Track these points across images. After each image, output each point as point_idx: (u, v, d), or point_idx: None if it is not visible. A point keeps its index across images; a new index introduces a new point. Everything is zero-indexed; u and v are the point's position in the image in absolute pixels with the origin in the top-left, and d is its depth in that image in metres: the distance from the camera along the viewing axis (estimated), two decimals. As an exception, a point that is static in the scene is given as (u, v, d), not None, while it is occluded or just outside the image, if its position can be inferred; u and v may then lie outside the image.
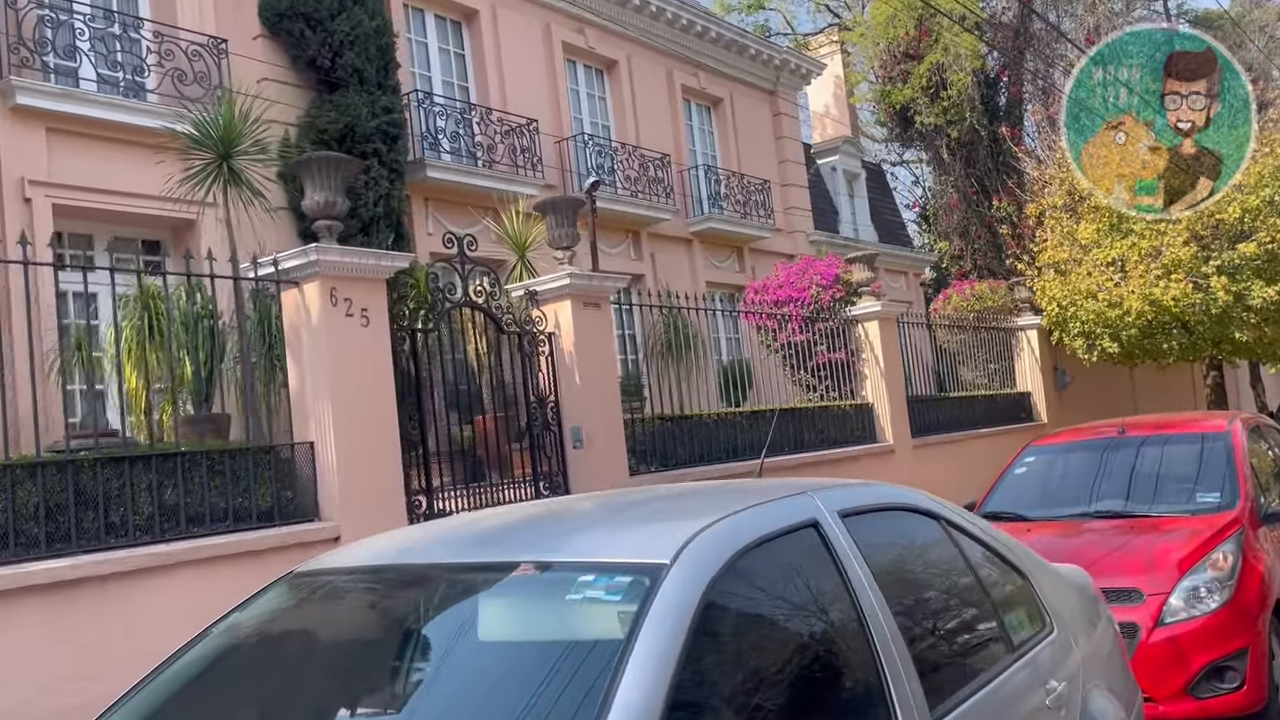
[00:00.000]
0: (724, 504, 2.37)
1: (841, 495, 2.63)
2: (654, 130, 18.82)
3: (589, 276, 9.04)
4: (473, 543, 2.35)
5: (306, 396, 7.05)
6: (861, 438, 13.22)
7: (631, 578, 1.96)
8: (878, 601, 2.34)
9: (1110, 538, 5.57)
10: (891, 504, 2.81)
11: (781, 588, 2.22)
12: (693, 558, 1.99)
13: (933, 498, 3.03)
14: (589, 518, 2.43)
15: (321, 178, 7.17)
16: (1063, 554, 5.52)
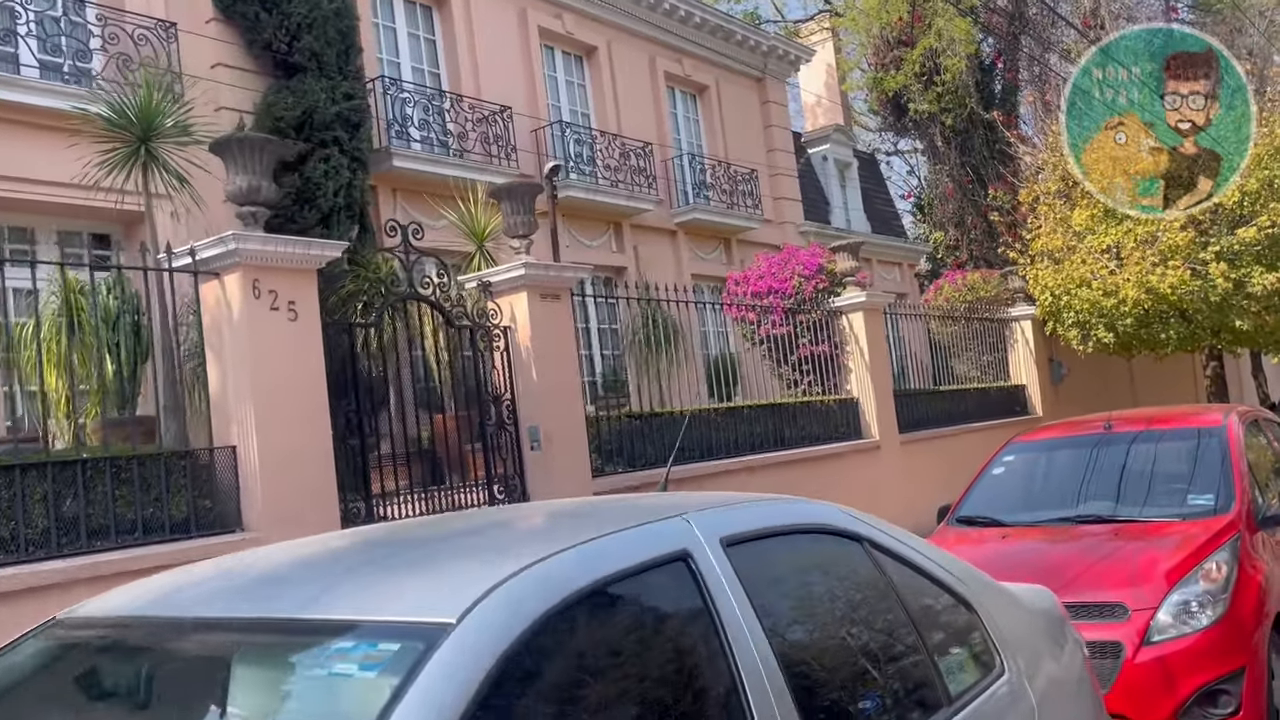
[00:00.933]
0: (566, 534, 1.87)
1: (728, 517, 2.12)
2: (636, 118, 18.27)
3: (546, 266, 8.52)
4: (239, 589, 1.84)
5: (228, 397, 6.54)
6: (846, 434, 12.70)
7: (400, 644, 1.46)
8: (763, 656, 1.84)
9: (1093, 546, 5.05)
10: (797, 525, 2.29)
11: (626, 645, 1.71)
12: (488, 615, 1.48)
13: (856, 515, 2.51)
14: (387, 555, 1.91)
15: (244, 160, 6.66)
16: (1041, 564, 5.00)
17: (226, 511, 6.41)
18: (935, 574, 2.55)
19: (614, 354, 16.80)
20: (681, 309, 11.99)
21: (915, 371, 16.51)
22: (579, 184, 16.31)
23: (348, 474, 7.18)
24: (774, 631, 1.91)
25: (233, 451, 6.46)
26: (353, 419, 7.21)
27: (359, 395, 7.30)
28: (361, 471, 7.23)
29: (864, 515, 2.56)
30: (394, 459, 7.65)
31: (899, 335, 16.60)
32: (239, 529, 6.37)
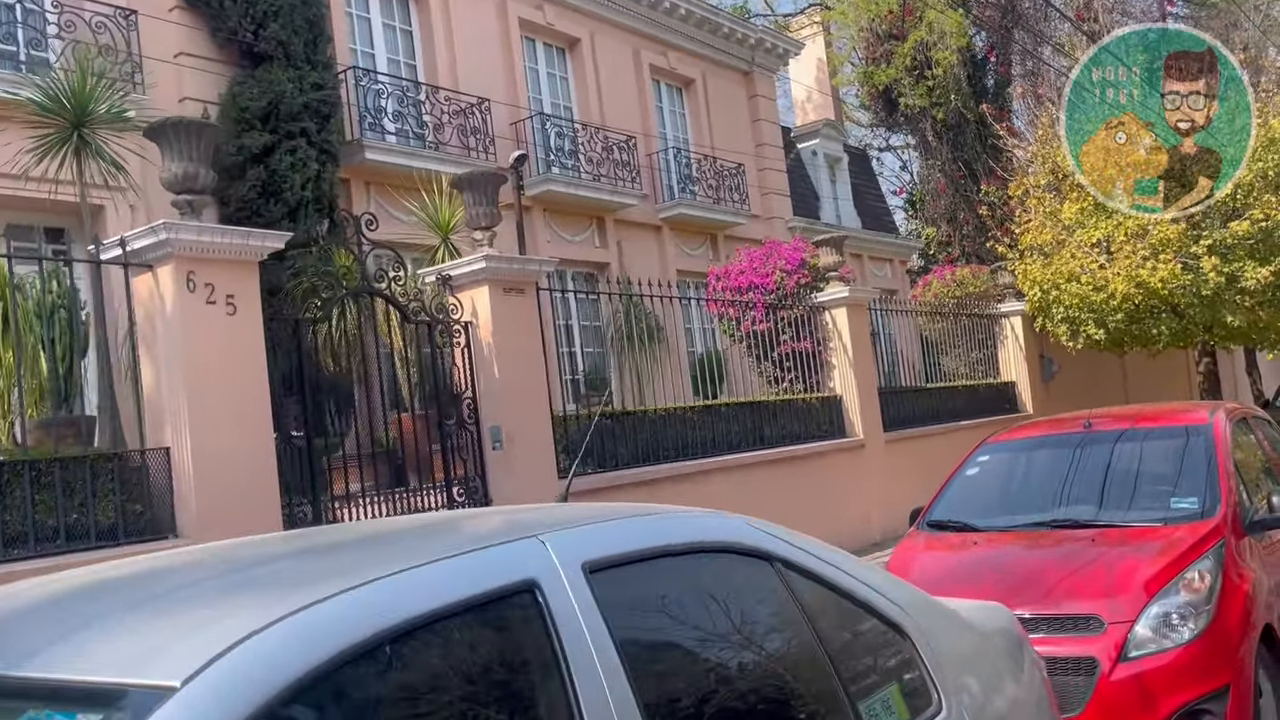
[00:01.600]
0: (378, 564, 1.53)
1: (596, 537, 1.77)
2: (620, 112, 17.92)
3: (509, 259, 8.18)
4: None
5: (162, 396, 6.20)
6: (829, 432, 12.38)
7: (103, 714, 1.13)
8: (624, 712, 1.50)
9: (1069, 553, 4.72)
10: (690, 545, 1.94)
11: (428, 709, 1.37)
12: (226, 677, 1.15)
13: (767, 529, 2.17)
14: (158, 592, 1.56)
15: (180, 146, 6.31)
16: (1012, 573, 4.68)
17: (160, 517, 6.08)
18: (865, 598, 2.21)
19: (597, 351, 16.49)
20: (666, 306, 11.66)
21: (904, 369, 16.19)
22: (560, 178, 15.97)
23: (295, 476, 6.85)
24: (643, 678, 1.57)
25: (166, 453, 6.12)
26: (300, 418, 6.86)
27: (308, 393, 6.96)
28: (310, 473, 6.89)
29: (778, 529, 2.22)
30: (344, 460, 7.31)
31: (886, 332, 16.29)
32: (172, 535, 6.04)
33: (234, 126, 11.55)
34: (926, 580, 4.77)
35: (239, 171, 11.47)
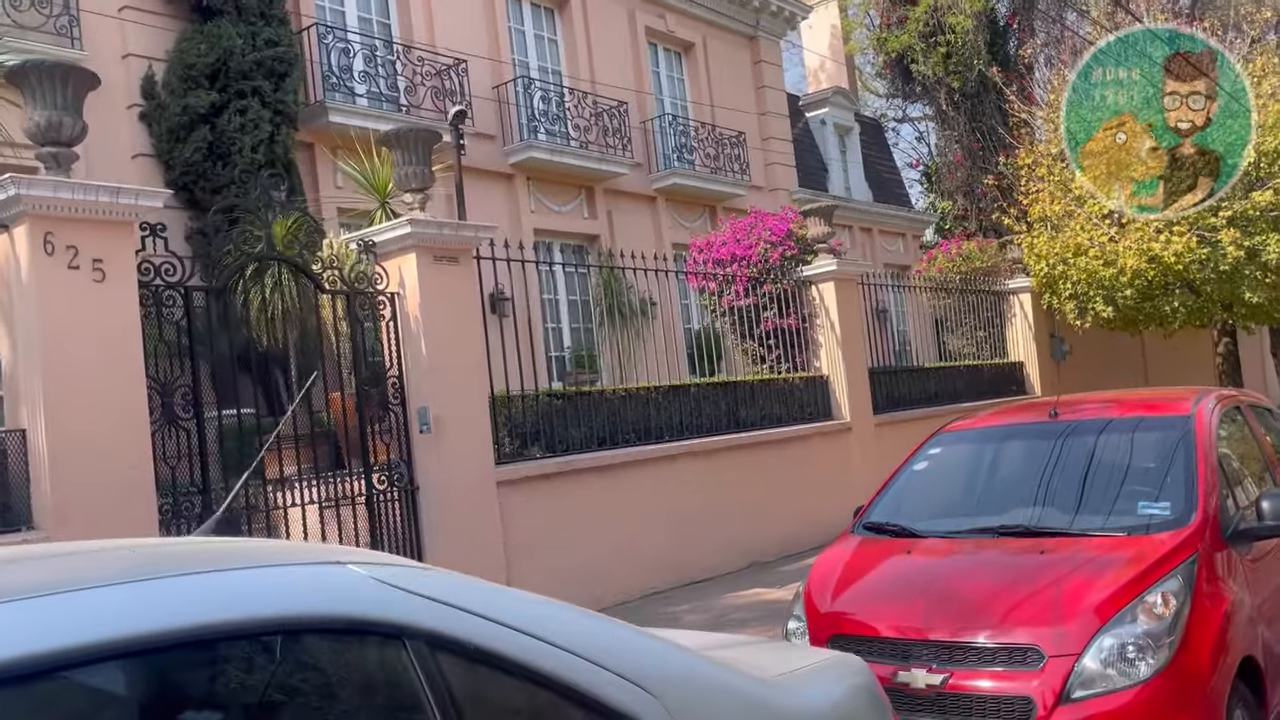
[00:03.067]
0: None
1: (44, 616, 1.06)
2: (613, 77, 17.09)
3: (440, 224, 7.47)
4: None
5: (19, 372, 5.56)
6: (813, 414, 11.63)
7: None
8: None
9: (1011, 566, 3.99)
10: (246, 623, 1.22)
11: None
12: None
13: (410, 582, 1.45)
14: None
15: (44, 92, 5.64)
16: (940, 591, 3.95)
17: (13, 505, 5.45)
18: (577, 682, 1.50)
19: (586, 327, 15.79)
20: (660, 280, 10.90)
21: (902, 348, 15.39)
22: (545, 144, 15.22)
23: (182, 463, 6.20)
24: None
25: (23, 436, 5.49)
26: (188, 399, 6.21)
27: (197, 372, 6.30)
28: (200, 460, 6.24)
29: (436, 579, 1.51)
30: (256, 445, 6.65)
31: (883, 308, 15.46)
32: (26, 527, 5.41)
33: (180, 85, 10.91)
34: (848, 596, 4.06)
35: (185, 133, 10.83)
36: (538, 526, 8.01)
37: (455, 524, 7.39)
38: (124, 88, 10.98)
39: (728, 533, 9.53)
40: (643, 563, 8.77)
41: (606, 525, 8.54)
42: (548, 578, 7.97)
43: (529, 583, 7.85)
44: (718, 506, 9.57)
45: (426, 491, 7.40)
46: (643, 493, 8.95)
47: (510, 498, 7.83)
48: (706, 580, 9.10)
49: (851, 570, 4.32)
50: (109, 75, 11.01)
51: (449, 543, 7.37)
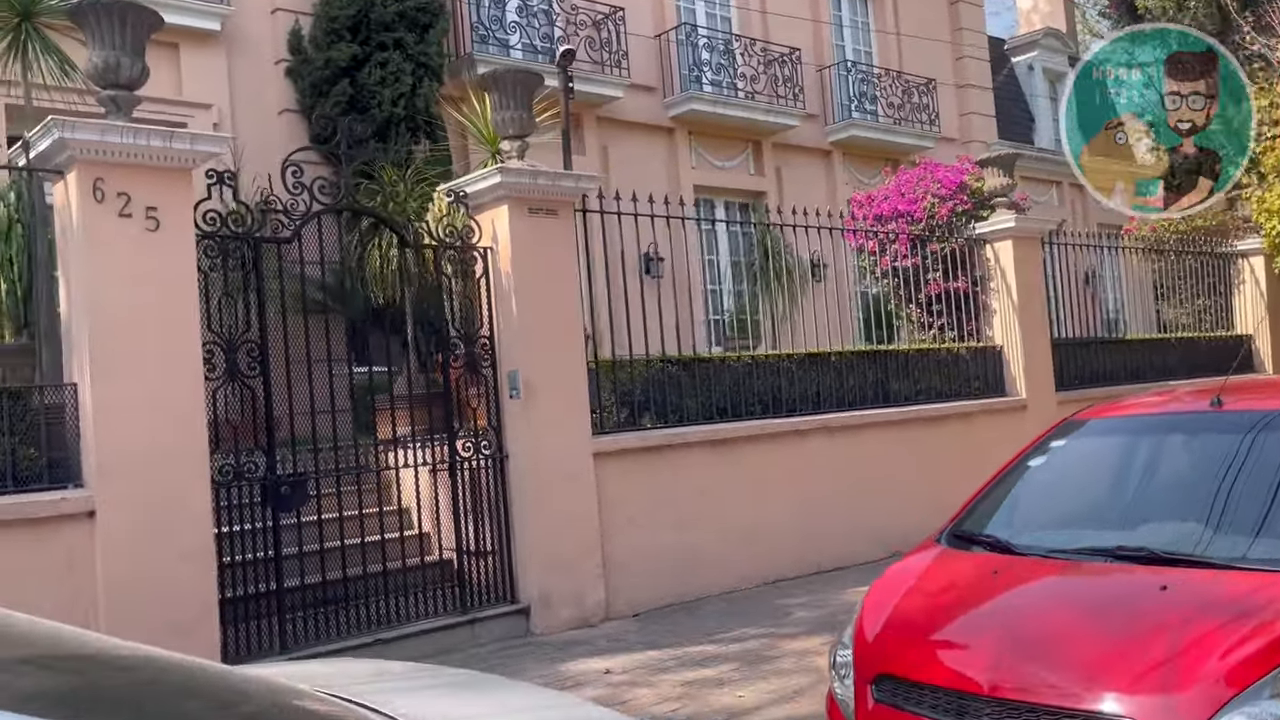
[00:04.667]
0: None
1: None
2: (786, 22, 15.99)
3: (535, 173, 6.87)
4: None
5: (73, 324, 5.39)
6: (982, 389, 10.40)
7: None
8: None
9: (1117, 602, 2.99)
10: None
11: None
12: None
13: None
14: None
15: (104, 32, 5.40)
16: (1023, 630, 3.03)
17: (63, 462, 5.30)
18: None
19: (751, 291, 14.95)
20: (820, 240, 9.97)
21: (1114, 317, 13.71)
22: (707, 96, 14.41)
23: (246, 423, 5.94)
24: None
25: (74, 390, 5.32)
26: (254, 354, 5.92)
27: (265, 326, 6.00)
28: (265, 421, 5.95)
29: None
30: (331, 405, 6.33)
31: (1091, 273, 13.78)
32: (74, 484, 5.25)
33: (324, 39, 10.81)
34: (904, 625, 3.19)
35: (327, 87, 10.73)
36: (640, 502, 7.37)
37: (546, 496, 6.86)
38: (271, 43, 11.00)
39: (866, 519, 8.57)
40: (762, 548, 7.97)
41: (720, 505, 7.79)
42: (648, 558, 7.35)
43: (627, 562, 7.23)
44: (856, 489, 8.62)
45: (516, 460, 6.89)
46: (765, 471, 8.12)
47: (609, 470, 7.21)
48: (836, 570, 8.20)
49: (918, 591, 3.43)
50: (257, 30, 11.08)
51: (539, 516, 6.85)
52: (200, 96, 10.51)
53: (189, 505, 5.43)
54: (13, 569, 4.97)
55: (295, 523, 6.26)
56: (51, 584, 5.06)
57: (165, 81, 10.40)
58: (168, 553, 5.33)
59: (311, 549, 6.17)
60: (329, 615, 6.16)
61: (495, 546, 6.89)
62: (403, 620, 6.43)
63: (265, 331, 6.00)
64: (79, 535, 5.14)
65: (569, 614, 6.89)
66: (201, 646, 5.39)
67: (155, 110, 9.96)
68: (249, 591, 5.83)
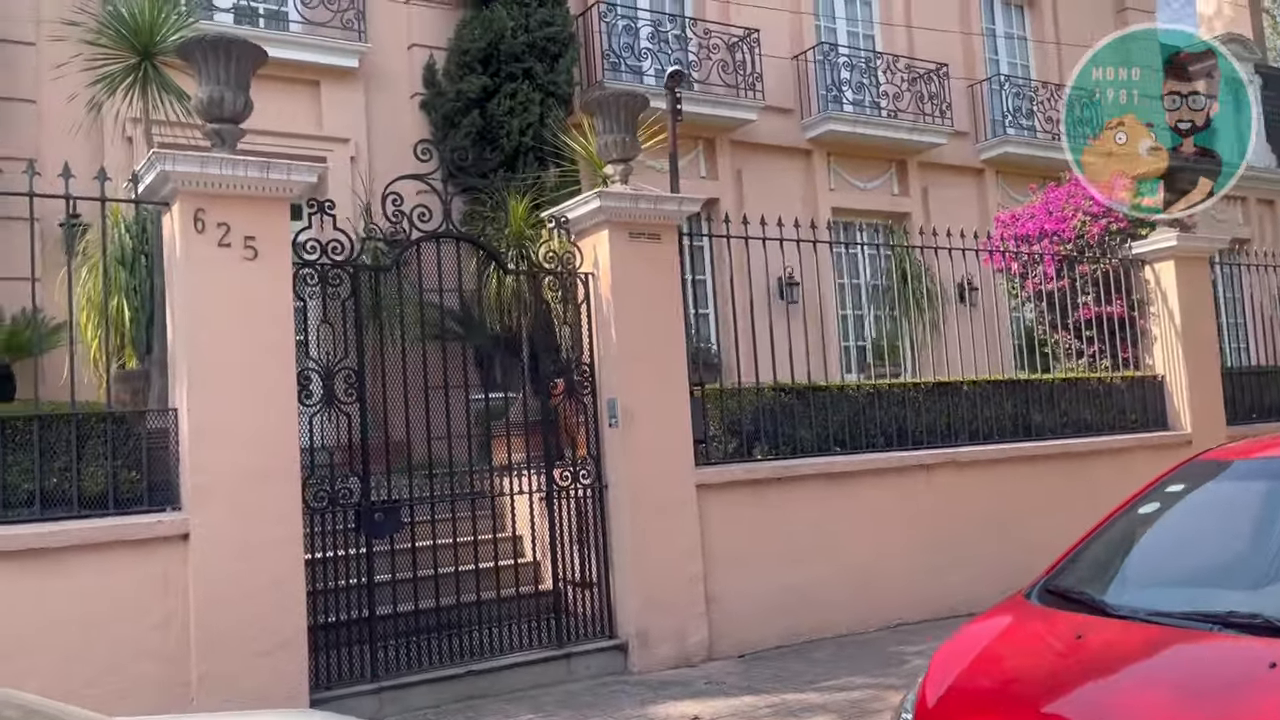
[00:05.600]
0: None
1: None
2: (933, 37, 15.38)
3: (635, 197, 6.72)
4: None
5: (176, 351, 5.55)
6: (1140, 423, 9.58)
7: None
8: None
9: (1215, 681, 2.52)
10: None
11: None
12: None
13: None
14: None
15: (212, 68, 5.58)
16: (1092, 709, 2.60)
17: (162, 485, 5.44)
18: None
19: (891, 315, 14.39)
20: (973, 262, 9.47)
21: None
22: (847, 116, 13.99)
23: (342, 447, 5.98)
24: None
25: (176, 415, 5.46)
26: (351, 381, 5.96)
27: (362, 353, 6.04)
28: (361, 445, 5.98)
29: None
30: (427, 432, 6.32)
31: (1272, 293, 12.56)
32: (171, 507, 5.38)
33: (456, 71, 11.03)
34: (966, 694, 2.82)
35: (458, 118, 10.93)
36: (748, 538, 7.05)
37: (645, 528, 6.64)
38: (407, 77, 11.30)
39: (999, 561, 7.94)
40: (881, 589, 7.50)
41: (836, 543, 7.38)
42: (756, 597, 7.01)
43: (733, 600, 6.92)
44: (988, 528, 8.03)
45: (615, 490, 6.70)
46: (886, 507, 7.66)
47: (714, 503, 6.93)
48: (964, 616, 7.61)
49: (988, 656, 3.02)
50: (394, 66, 11.39)
51: (637, 549, 6.63)
52: (339, 131, 10.88)
53: (281, 530, 5.48)
54: (111, 590, 5.11)
55: (401, 548, 6.27)
56: (147, 605, 5.18)
57: (306, 117, 10.84)
58: (259, 577, 5.38)
59: (410, 576, 6.14)
60: (421, 644, 6.11)
61: (596, 579, 6.71)
62: (497, 652, 6.32)
63: (362, 358, 6.04)
64: (174, 558, 5.25)
65: (668, 652, 6.63)
66: (290, 672, 5.43)
67: (297, 145, 10.40)
68: (340, 618, 5.84)
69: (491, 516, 6.67)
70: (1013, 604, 3.38)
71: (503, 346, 7.02)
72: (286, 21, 10.92)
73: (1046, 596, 3.35)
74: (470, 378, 6.61)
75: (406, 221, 6.25)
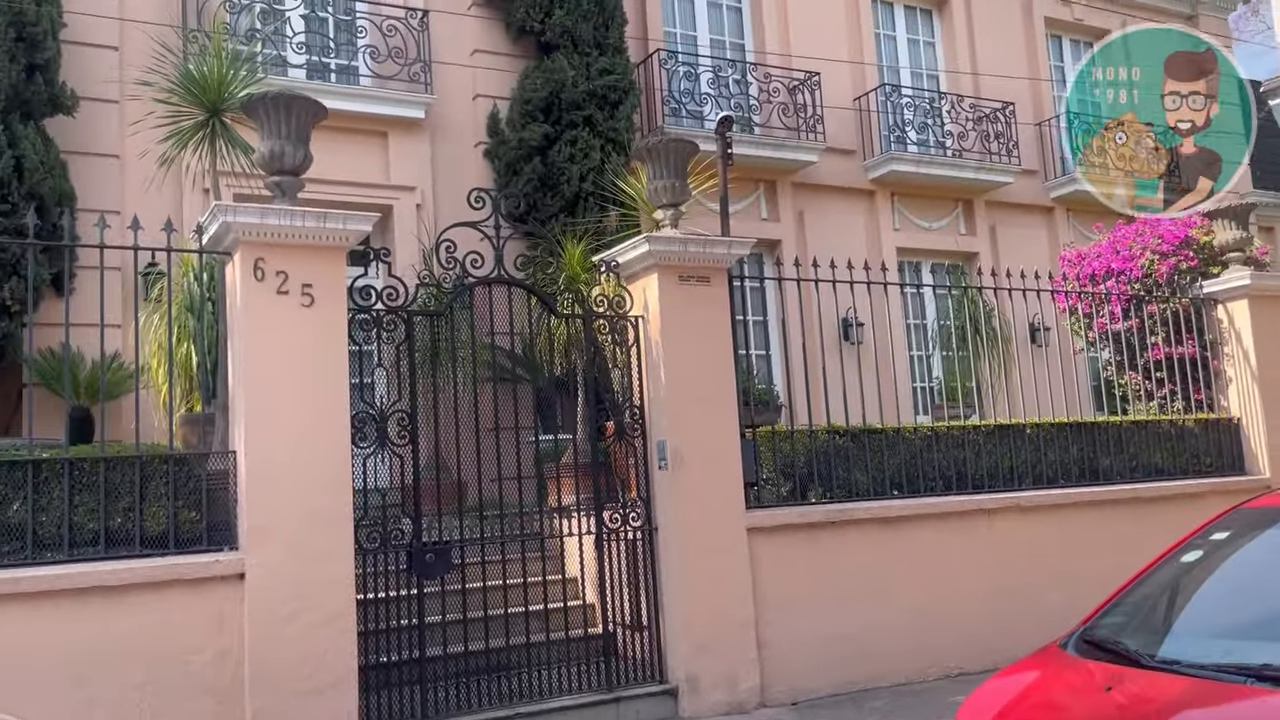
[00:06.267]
0: None
1: None
2: (1000, 76, 15.27)
3: (684, 241, 6.78)
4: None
5: (236, 395, 5.75)
6: (1215, 467, 9.28)
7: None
8: None
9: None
10: None
11: None
12: None
13: None
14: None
15: (273, 122, 5.82)
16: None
17: (221, 525, 5.61)
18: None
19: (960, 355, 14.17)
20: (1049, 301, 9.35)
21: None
22: (911, 156, 13.93)
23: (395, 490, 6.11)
24: None
25: (234, 457, 5.64)
26: (404, 424, 6.09)
27: (415, 397, 6.17)
28: (413, 489, 6.09)
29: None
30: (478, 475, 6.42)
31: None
32: (229, 547, 5.54)
33: (519, 120, 11.27)
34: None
35: (520, 166, 11.16)
36: (801, 583, 6.97)
37: (695, 572, 6.62)
38: (472, 127, 11.57)
39: (1066, 608, 7.62)
40: (940, 638, 7.34)
41: (892, 589, 7.26)
42: (810, 643, 6.92)
43: (786, 646, 6.84)
44: (1055, 575, 7.82)
45: (664, 533, 6.71)
46: (945, 552, 7.52)
47: (765, 547, 6.89)
48: (1028, 666, 7.40)
49: (1014, 708, 2.96)
50: (459, 116, 11.69)
51: (687, 592, 6.61)
52: (405, 179, 11.18)
53: (334, 570, 5.59)
54: (169, 626, 5.27)
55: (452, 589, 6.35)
56: (203, 642, 5.33)
57: (374, 167, 11.17)
58: (311, 616, 5.50)
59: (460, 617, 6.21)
60: (471, 686, 6.16)
61: (646, 622, 6.70)
62: (547, 695, 6.33)
63: (415, 400, 6.17)
64: (230, 596, 5.40)
65: (719, 698, 6.57)
66: (341, 711, 5.52)
67: (365, 194, 10.73)
68: (391, 659, 5.92)
69: (541, 558, 6.72)
70: (1046, 654, 3.31)
71: (555, 389, 7.09)
72: (356, 76, 11.30)
73: (1082, 646, 3.28)
74: (522, 420, 6.68)
75: (459, 267, 6.39)
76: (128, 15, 9.75)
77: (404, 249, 10.48)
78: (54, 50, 8.88)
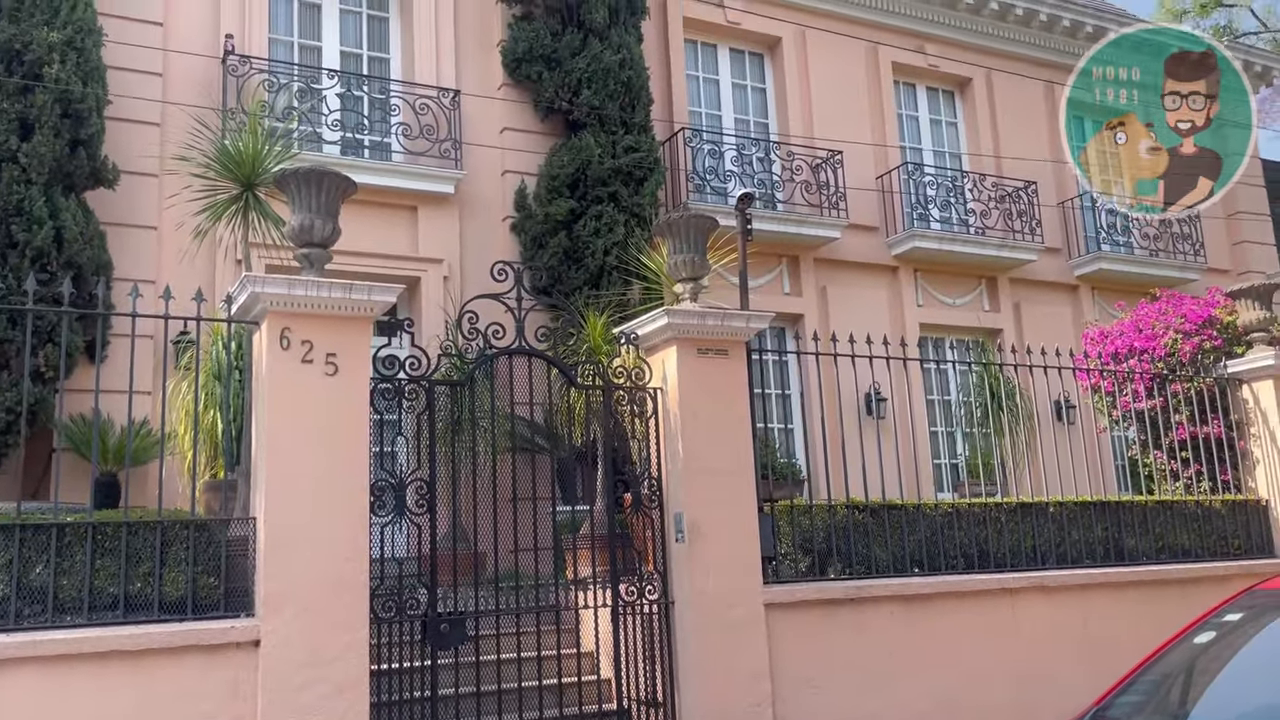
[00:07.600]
0: None
1: None
2: (1022, 154, 15.45)
3: (702, 314, 6.86)
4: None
5: (257, 461, 5.83)
6: (1243, 549, 9.13)
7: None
8: None
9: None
10: None
11: None
12: None
13: None
14: None
15: (303, 197, 5.99)
16: None
17: (239, 591, 5.64)
18: None
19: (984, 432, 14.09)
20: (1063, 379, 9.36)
21: None
22: (933, 233, 14.06)
23: (412, 558, 6.13)
24: None
25: (254, 523, 5.70)
26: (423, 493, 6.14)
27: (434, 466, 6.23)
28: (430, 558, 6.12)
29: None
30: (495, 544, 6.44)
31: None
32: (245, 613, 5.57)
33: (546, 196, 11.50)
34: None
35: (546, 239, 11.36)
36: (819, 661, 6.89)
37: (710, 647, 6.56)
38: (500, 202, 11.82)
39: (1092, 691, 7.54)
40: (964, 719, 7.20)
41: (912, 669, 7.15)
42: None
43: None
44: (1080, 656, 7.68)
45: (681, 607, 6.67)
46: (966, 632, 7.41)
47: (783, 623, 6.82)
48: (1052, 751, 7.24)
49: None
50: (488, 191, 11.93)
51: (703, 668, 6.54)
52: (434, 252, 11.39)
53: (348, 638, 5.59)
54: (185, 693, 5.28)
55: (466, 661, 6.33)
56: (217, 709, 5.32)
57: (404, 239, 11.40)
58: (325, 685, 5.49)
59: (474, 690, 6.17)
60: (483, 760, 6.09)
61: (662, 698, 6.63)
62: (560, 771, 6.26)
63: (434, 469, 6.22)
64: (245, 663, 5.40)
65: (735, 777, 6.47)
66: (352, 782, 5.48)
67: (393, 266, 10.94)
68: (404, 729, 5.88)
69: (557, 631, 6.69)
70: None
71: (575, 459, 7.13)
72: (389, 152, 11.60)
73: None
74: (541, 490, 6.71)
75: (482, 338, 6.50)
76: (170, 96, 10.12)
77: (431, 320, 10.65)
78: (98, 126, 9.22)
